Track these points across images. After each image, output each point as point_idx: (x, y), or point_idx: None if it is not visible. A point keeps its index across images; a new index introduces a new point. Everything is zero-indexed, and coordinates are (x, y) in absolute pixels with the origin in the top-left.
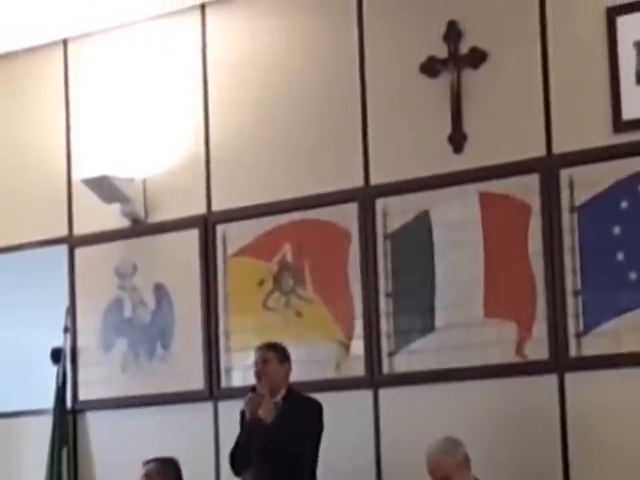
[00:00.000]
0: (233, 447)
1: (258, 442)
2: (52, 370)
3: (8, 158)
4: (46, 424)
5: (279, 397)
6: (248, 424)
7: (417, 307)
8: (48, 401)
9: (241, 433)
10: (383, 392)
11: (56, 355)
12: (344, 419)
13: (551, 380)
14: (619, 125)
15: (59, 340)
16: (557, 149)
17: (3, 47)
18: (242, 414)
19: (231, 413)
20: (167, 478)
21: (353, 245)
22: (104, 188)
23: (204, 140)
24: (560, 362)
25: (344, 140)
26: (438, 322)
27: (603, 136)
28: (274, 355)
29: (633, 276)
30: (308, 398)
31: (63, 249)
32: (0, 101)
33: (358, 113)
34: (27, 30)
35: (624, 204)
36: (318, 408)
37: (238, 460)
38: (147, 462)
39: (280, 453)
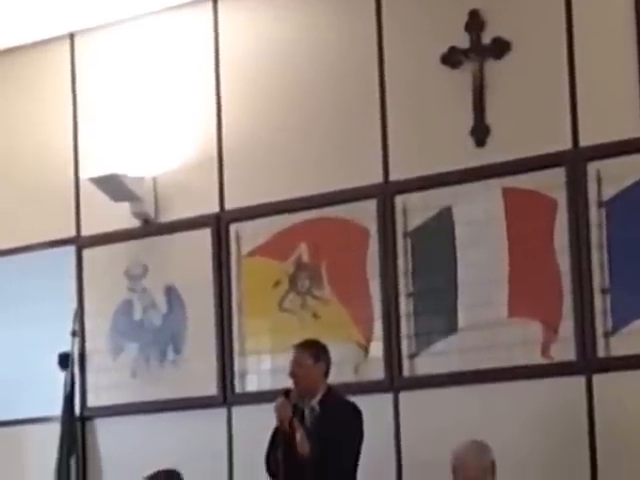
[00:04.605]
0: (268, 447)
1: (289, 454)
2: (60, 376)
3: (13, 156)
4: (54, 432)
5: (315, 401)
6: (276, 431)
7: (439, 307)
8: (56, 408)
9: (274, 434)
10: (404, 395)
11: (64, 360)
12: (364, 423)
13: (578, 382)
14: None
15: (67, 345)
16: (584, 142)
17: (8, 42)
18: None
19: (246, 419)
20: None
21: (372, 244)
22: (113, 187)
23: (216, 136)
24: (588, 363)
25: (362, 135)
26: (461, 322)
27: (631, 128)
28: (307, 355)
29: None
30: (346, 403)
31: (71, 250)
32: (5, 97)
33: (377, 106)
34: (33, 24)
35: None
36: (357, 415)
37: (273, 464)
38: (149, 478)
39: (313, 469)
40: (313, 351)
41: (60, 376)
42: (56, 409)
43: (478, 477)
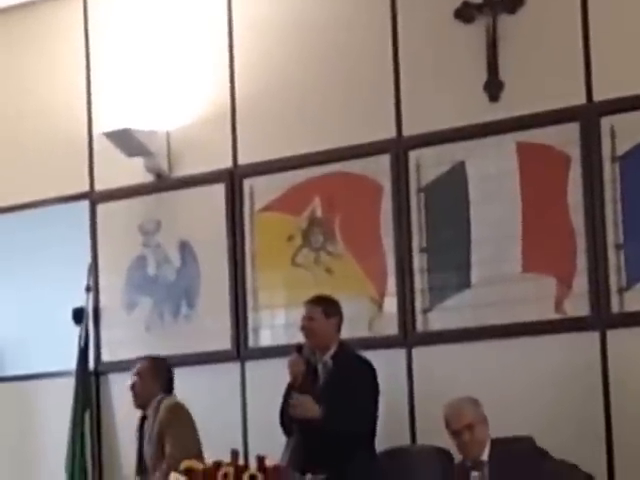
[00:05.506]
0: (282, 404)
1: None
2: (74, 331)
3: (27, 112)
4: (68, 386)
5: (328, 356)
6: (289, 388)
7: (452, 262)
8: (70, 363)
9: (287, 390)
10: (417, 351)
11: (78, 315)
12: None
13: (592, 337)
14: None
15: (81, 299)
16: (598, 96)
17: None
18: None
19: (259, 373)
20: (158, 378)
21: (385, 199)
22: (126, 141)
23: (230, 90)
24: (602, 318)
25: (375, 89)
26: (474, 278)
27: None
28: (320, 310)
29: None
30: (359, 359)
31: (84, 205)
32: (19, 53)
33: (390, 61)
34: None
35: None
36: (370, 372)
37: (287, 420)
38: (139, 359)
39: (327, 430)
40: (324, 306)
41: (74, 331)
42: (70, 364)
43: (473, 424)
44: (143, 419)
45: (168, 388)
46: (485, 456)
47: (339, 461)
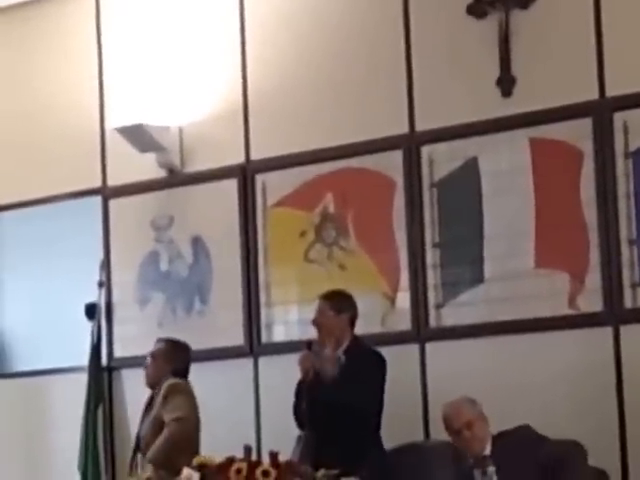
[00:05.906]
0: (294, 401)
1: (313, 405)
2: (87, 326)
3: (40, 107)
4: (81, 382)
5: (341, 350)
6: (300, 384)
7: (465, 258)
8: (83, 359)
9: (298, 387)
10: (430, 346)
11: (91, 311)
12: (390, 374)
13: (606, 333)
14: None
15: (93, 295)
16: (610, 92)
17: None
18: None
19: (272, 369)
20: (171, 362)
21: (398, 194)
22: (139, 137)
23: (242, 86)
24: (615, 314)
25: (388, 85)
26: (487, 273)
27: None
28: (330, 306)
29: None
30: (370, 351)
31: (97, 201)
32: (31, 47)
33: (402, 57)
34: None
35: None
36: (379, 362)
37: (301, 415)
38: (159, 340)
39: (335, 418)
40: (335, 302)
41: (87, 326)
42: (83, 359)
43: (472, 421)
44: (151, 399)
45: (182, 373)
46: (487, 452)
47: (351, 456)
